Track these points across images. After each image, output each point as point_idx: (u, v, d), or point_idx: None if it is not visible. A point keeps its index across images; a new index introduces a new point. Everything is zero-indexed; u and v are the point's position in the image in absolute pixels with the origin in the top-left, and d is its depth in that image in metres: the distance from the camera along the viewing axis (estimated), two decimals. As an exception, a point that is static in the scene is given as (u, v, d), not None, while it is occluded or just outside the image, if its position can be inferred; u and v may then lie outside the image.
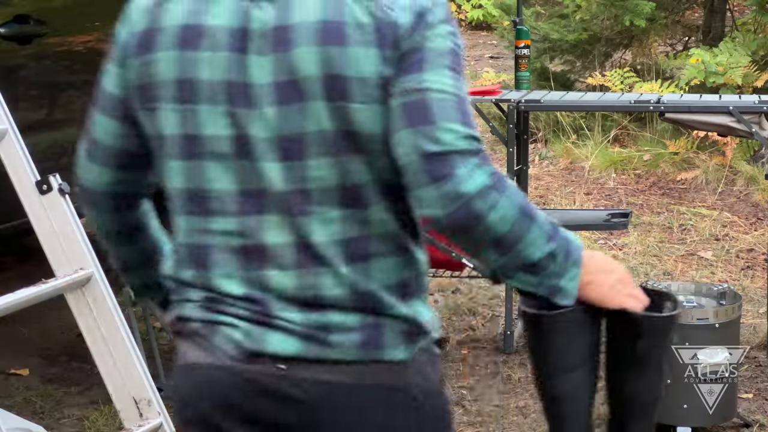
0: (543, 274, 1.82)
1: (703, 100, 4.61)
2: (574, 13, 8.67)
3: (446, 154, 1.72)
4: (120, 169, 1.97)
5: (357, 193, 1.78)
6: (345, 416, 1.79)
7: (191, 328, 1.88)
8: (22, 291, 2.95)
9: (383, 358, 1.79)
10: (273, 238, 1.79)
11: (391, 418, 1.81)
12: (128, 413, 3.05)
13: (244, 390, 1.82)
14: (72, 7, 4.35)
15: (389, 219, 1.81)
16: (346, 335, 1.78)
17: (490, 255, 1.78)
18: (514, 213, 1.75)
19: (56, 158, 4.20)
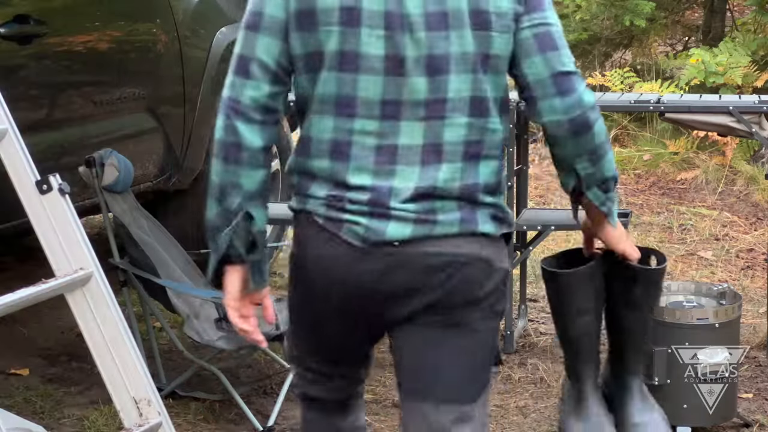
0: (607, 194, 2.47)
1: (703, 100, 4.61)
2: (574, 13, 8.68)
3: (570, 74, 2.34)
4: (274, 84, 2.32)
5: (483, 104, 2.32)
6: (443, 275, 2.31)
7: (317, 224, 2.34)
8: (22, 291, 2.95)
9: (477, 230, 2.34)
10: (405, 140, 2.29)
11: (475, 277, 2.34)
12: (128, 413, 3.05)
13: (367, 271, 2.32)
14: (72, 7, 4.35)
15: (499, 129, 2.36)
16: (450, 215, 2.32)
17: (583, 163, 2.41)
18: (605, 130, 2.42)
19: (56, 158, 4.20)
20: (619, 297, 2.67)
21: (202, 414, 4.02)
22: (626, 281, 2.63)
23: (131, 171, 4.05)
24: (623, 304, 2.69)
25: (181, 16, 4.80)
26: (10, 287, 2.97)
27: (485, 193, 2.35)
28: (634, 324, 2.74)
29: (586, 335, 2.74)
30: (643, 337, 2.80)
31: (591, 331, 2.74)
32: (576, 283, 2.65)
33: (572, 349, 2.77)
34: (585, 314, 2.69)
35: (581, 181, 2.46)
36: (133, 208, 4.10)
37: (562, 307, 2.70)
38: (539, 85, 2.34)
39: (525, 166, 4.86)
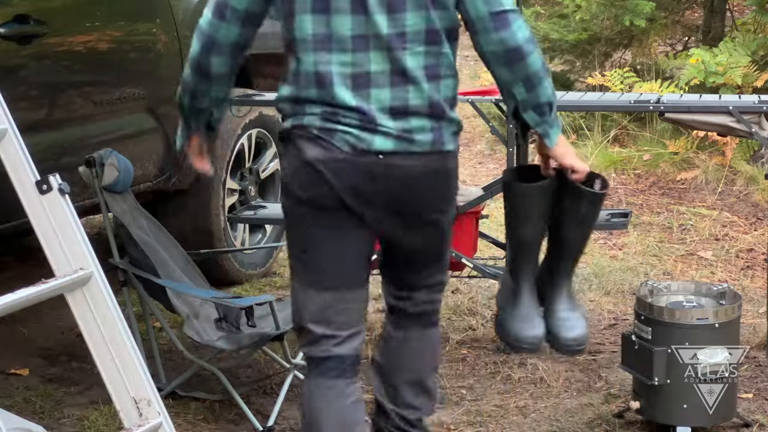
0: (543, 118, 2.95)
1: (703, 100, 4.61)
2: (574, 13, 8.67)
3: (506, 12, 2.80)
4: (245, 27, 2.93)
5: (436, 34, 2.82)
6: (417, 185, 2.87)
7: (312, 134, 2.83)
8: (22, 291, 2.95)
9: (443, 149, 2.88)
10: (374, 67, 2.80)
11: (440, 184, 2.93)
12: (128, 413, 3.05)
13: (356, 173, 2.82)
14: (72, 7, 4.35)
15: (451, 53, 2.85)
16: (424, 135, 2.85)
17: (519, 89, 2.88)
18: (541, 61, 2.87)
19: (56, 158, 4.20)
20: (566, 212, 3.12)
21: (202, 414, 4.02)
22: (573, 199, 3.10)
23: (131, 171, 4.05)
24: (569, 219, 3.14)
25: (181, 15, 4.80)
26: (10, 287, 2.97)
27: (449, 107, 2.88)
28: (575, 236, 3.20)
29: (531, 241, 3.21)
30: (581, 248, 3.26)
31: (536, 238, 3.20)
32: (529, 195, 3.12)
33: (517, 251, 3.24)
34: (532, 223, 3.16)
35: (518, 104, 2.93)
36: (133, 208, 4.10)
37: (515, 215, 3.18)
38: (480, 21, 2.82)
39: (525, 166, 4.86)
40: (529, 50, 2.84)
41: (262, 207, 5.04)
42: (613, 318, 5.09)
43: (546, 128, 2.97)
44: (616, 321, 5.05)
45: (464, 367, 4.49)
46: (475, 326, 4.92)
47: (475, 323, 4.95)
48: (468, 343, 4.74)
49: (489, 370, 4.45)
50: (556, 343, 3.24)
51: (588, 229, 3.22)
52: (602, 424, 3.97)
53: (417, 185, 2.88)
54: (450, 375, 4.39)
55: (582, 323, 3.25)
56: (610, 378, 4.37)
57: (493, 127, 4.63)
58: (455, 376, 4.39)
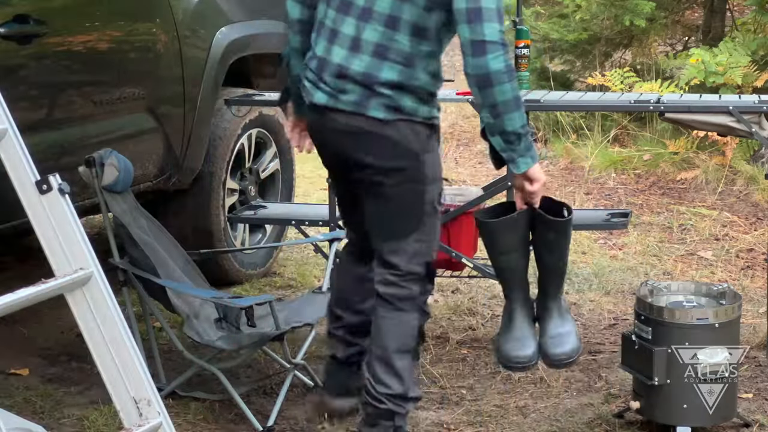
0: (509, 145, 3.23)
1: (703, 100, 4.61)
2: (573, 13, 8.67)
3: (485, 42, 3.13)
4: (305, 7, 3.45)
5: (396, 22, 3.21)
6: (342, 139, 3.31)
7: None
8: (22, 291, 2.95)
9: (367, 113, 3.24)
10: (345, 29, 3.26)
11: (364, 145, 3.28)
12: (128, 413, 3.05)
13: (311, 123, 3.42)
14: (72, 7, 4.35)
15: (406, 45, 3.21)
16: (349, 96, 3.25)
17: (486, 113, 3.21)
18: (512, 94, 3.16)
19: (56, 158, 4.20)
20: (538, 240, 3.44)
21: (202, 414, 4.02)
22: (542, 228, 3.40)
23: (131, 171, 4.05)
24: (541, 245, 3.45)
25: (181, 15, 4.80)
26: (10, 287, 2.97)
27: (385, 87, 3.22)
28: (551, 261, 3.46)
29: (509, 269, 3.49)
30: (560, 271, 3.51)
31: (514, 267, 3.48)
32: (499, 229, 3.44)
33: (503, 280, 3.56)
34: (508, 253, 3.46)
35: (486, 126, 3.25)
36: (133, 208, 4.10)
37: (491, 248, 3.50)
38: (463, 45, 3.17)
39: (525, 166, 4.85)
40: (498, 80, 3.14)
41: (262, 207, 5.04)
42: (613, 318, 5.09)
43: (512, 155, 3.25)
44: (616, 321, 5.05)
45: (464, 367, 4.49)
46: (475, 326, 4.92)
47: (475, 323, 4.95)
48: (468, 343, 4.74)
49: (489, 370, 4.45)
50: (546, 359, 3.53)
51: (561, 253, 3.48)
52: (602, 424, 3.97)
53: (342, 140, 3.31)
54: (450, 375, 4.39)
55: (571, 338, 3.53)
56: (610, 378, 4.37)
57: (493, 127, 4.62)
58: (455, 376, 4.39)
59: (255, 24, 5.32)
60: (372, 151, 3.28)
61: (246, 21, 5.25)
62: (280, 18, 5.49)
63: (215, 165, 5.17)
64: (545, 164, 7.83)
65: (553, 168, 7.77)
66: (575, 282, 5.55)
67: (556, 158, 7.87)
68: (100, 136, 4.44)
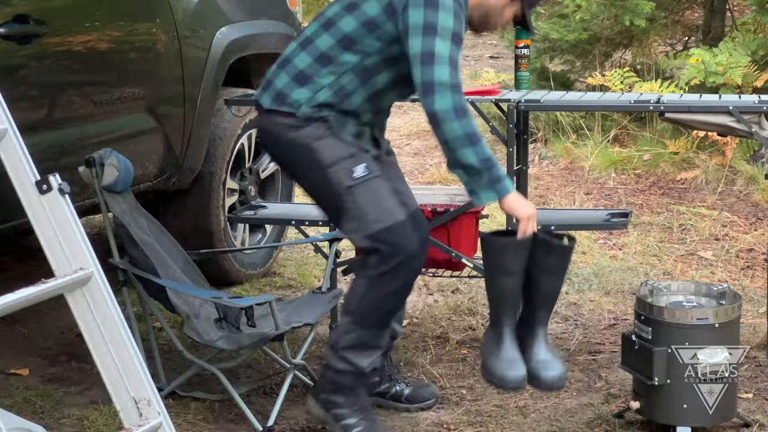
0: (470, 177, 3.38)
1: (703, 100, 4.61)
2: (574, 12, 8.67)
3: (433, 84, 3.35)
4: None
5: (328, 58, 3.55)
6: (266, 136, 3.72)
7: None
8: (22, 291, 2.95)
9: (262, 104, 3.65)
10: (297, 60, 3.62)
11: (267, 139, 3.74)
12: (128, 413, 3.05)
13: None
14: (72, 7, 4.35)
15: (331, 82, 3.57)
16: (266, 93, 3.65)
17: (442, 148, 3.41)
18: (462, 131, 3.35)
19: (56, 158, 4.20)
20: (538, 264, 3.46)
21: (202, 414, 4.02)
22: (543, 252, 3.44)
23: (131, 171, 4.05)
24: (540, 270, 3.47)
25: (181, 16, 4.80)
26: (10, 287, 2.97)
27: (292, 92, 3.58)
28: (547, 287, 3.52)
29: (509, 291, 3.51)
30: (554, 298, 3.59)
31: (514, 289, 3.50)
32: (510, 249, 3.46)
33: (498, 302, 3.56)
34: (513, 275, 3.47)
35: (447, 160, 3.44)
36: (133, 208, 4.10)
37: (496, 268, 3.51)
38: (416, 86, 3.41)
39: (525, 166, 4.86)
40: (445, 119, 3.34)
41: (262, 207, 5.04)
42: (613, 318, 5.09)
43: (474, 187, 3.40)
44: (616, 321, 5.05)
45: (464, 367, 4.49)
46: (475, 326, 4.92)
47: (475, 323, 4.95)
48: (468, 343, 4.74)
49: (489, 370, 4.44)
50: (537, 381, 3.57)
51: (559, 280, 3.55)
52: (602, 424, 3.97)
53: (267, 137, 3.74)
54: (450, 375, 4.39)
55: (560, 364, 3.60)
56: (610, 378, 4.37)
57: (493, 127, 4.63)
58: (455, 376, 4.39)
59: (255, 24, 5.32)
60: (270, 145, 3.73)
61: (246, 21, 5.25)
62: (280, 18, 5.50)
63: (215, 165, 5.17)
64: (545, 164, 7.83)
65: (553, 168, 7.77)
66: (575, 282, 5.54)
67: (556, 158, 7.87)
68: (100, 136, 4.44)
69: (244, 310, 3.86)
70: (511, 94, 4.73)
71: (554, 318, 5.06)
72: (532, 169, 7.41)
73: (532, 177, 7.00)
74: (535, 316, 3.56)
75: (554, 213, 5.32)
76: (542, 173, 7.65)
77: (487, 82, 8.83)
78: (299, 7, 5.81)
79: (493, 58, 12.22)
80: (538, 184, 7.35)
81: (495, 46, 12.76)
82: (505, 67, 10.85)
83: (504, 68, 10.74)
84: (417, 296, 5.27)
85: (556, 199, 7.04)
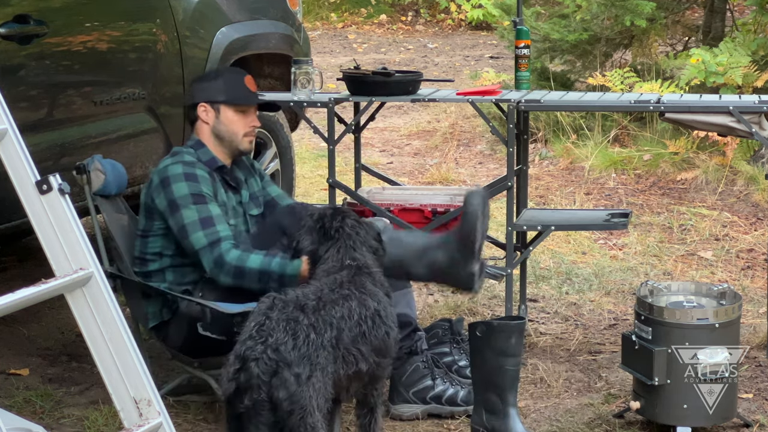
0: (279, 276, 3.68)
1: (703, 100, 4.61)
2: (574, 13, 8.67)
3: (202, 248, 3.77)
4: None
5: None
6: None
7: None
8: (22, 291, 2.95)
9: None
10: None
11: None
12: (128, 413, 3.06)
13: None
14: (72, 7, 4.35)
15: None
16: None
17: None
18: (229, 278, 3.74)
19: (56, 158, 4.20)
20: (500, 349, 3.65)
21: (202, 414, 4.02)
22: (504, 335, 3.64)
23: (122, 172, 3.99)
24: (503, 354, 3.66)
25: (181, 16, 4.80)
26: (10, 287, 2.97)
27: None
28: (512, 367, 3.68)
29: (513, 371, 3.70)
30: (517, 375, 3.74)
31: (517, 368, 3.71)
32: (517, 331, 3.67)
33: (502, 385, 3.69)
34: (516, 356, 3.68)
35: None
36: (123, 214, 4.04)
37: (502, 353, 3.66)
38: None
39: (525, 166, 4.86)
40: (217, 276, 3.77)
41: (262, 207, 5.03)
42: (613, 318, 5.09)
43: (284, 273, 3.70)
44: (616, 321, 5.05)
45: (464, 367, 4.48)
46: (475, 326, 4.91)
47: (475, 323, 4.94)
48: (468, 343, 4.74)
49: (489, 370, 4.44)
50: None
51: (521, 355, 3.75)
52: (602, 424, 3.97)
53: None
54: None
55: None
56: (610, 378, 4.37)
57: (493, 127, 4.63)
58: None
59: (255, 24, 5.31)
60: None
61: (246, 21, 5.24)
62: (280, 18, 5.50)
63: (215, 165, 5.16)
64: (545, 164, 7.83)
65: (553, 168, 7.77)
66: (575, 282, 5.54)
67: (556, 158, 7.86)
68: (100, 136, 4.44)
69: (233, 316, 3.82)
70: (511, 94, 4.72)
71: (554, 318, 5.06)
72: (532, 169, 7.41)
73: (532, 177, 7.01)
74: (507, 399, 3.70)
75: (554, 213, 5.32)
76: (542, 173, 7.65)
77: (488, 82, 8.83)
78: (299, 7, 5.81)
79: (494, 58, 12.22)
80: (538, 184, 7.35)
81: (495, 46, 12.77)
82: (505, 67, 10.86)
83: (504, 68, 10.75)
84: (417, 296, 5.27)
85: (556, 199, 7.04)
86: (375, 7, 14.67)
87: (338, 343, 3.13)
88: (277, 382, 2.97)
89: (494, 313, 5.06)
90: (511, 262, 4.52)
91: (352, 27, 14.62)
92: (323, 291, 3.23)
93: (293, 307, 3.10)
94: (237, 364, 3.01)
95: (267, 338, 3.01)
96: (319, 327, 3.09)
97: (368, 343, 3.23)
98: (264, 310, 3.09)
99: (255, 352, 2.99)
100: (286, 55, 5.31)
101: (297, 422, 2.97)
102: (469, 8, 13.03)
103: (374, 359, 3.27)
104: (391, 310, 3.38)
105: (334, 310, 3.16)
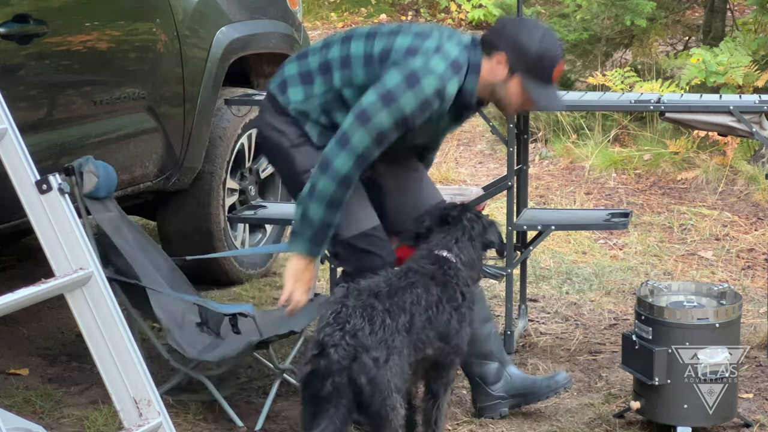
0: (300, 223, 3.52)
1: (704, 100, 4.61)
2: (574, 12, 8.67)
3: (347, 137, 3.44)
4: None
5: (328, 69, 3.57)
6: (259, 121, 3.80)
7: None
8: (22, 291, 2.95)
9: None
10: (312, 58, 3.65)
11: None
12: (128, 413, 3.06)
13: None
14: (72, 7, 4.35)
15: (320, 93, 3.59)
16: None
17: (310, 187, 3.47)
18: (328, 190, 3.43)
19: (56, 158, 4.20)
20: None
21: (202, 414, 4.02)
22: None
23: (113, 175, 3.98)
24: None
25: (181, 15, 4.80)
26: (10, 287, 2.97)
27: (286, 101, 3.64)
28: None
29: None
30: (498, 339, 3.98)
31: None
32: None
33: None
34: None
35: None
36: (116, 216, 4.02)
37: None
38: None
39: (525, 166, 4.86)
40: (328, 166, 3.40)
41: (262, 207, 5.04)
42: (614, 318, 5.09)
43: (297, 231, 3.50)
44: (616, 321, 5.05)
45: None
46: (475, 326, 4.91)
47: (475, 323, 4.94)
48: (468, 343, 4.73)
49: (489, 370, 4.43)
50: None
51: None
52: (602, 424, 3.97)
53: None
54: (450, 375, 4.38)
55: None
56: (611, 378, 4.37)
57: (493, 127, 4.63)
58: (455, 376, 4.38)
59: (255, 24, 5.31)
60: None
61: (246, 21, 5.24)
62: (280, 18, 5.50)
63: (215, 165, 5.16)
64: (545, 164, 7.83)
65: (553, 168, 7.77)
66: (575, 282, 5.54)
67: (556, 158, 7.87)
68: (99, 135, 4.44)
69: (228, 317, 3.83)
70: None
71: (554, 318, 5.06)
72: (533, 169, 7.41)
73: (532, 177, 7.01)
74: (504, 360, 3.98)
75: (554, 213, 5.32)
76: (542, 173, 7.64)
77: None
78: (299, 7, 5.81)
79: (494, 58, 12.21)
80: (539, 184, 7.35)
81: (495, 46, 12.75)
82: (505, 67, 10.83)
83: (504, 68, 10.73)
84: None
85: (556, 199, 7.04)
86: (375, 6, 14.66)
87: (411, 327, 3.25)
88: (357, 366, 3.07)
89: (494, 313, 5.05)
90: (511, 262, 4.51)
91: (352, 26, 14.63)
92: (391, 279, 3.34)
93: (368, 294, 3.21)
94: (316, 349, 3.10)
95: (344, 325, 3.10)
96: (393, 312, 3.20)
97: (434, 329, 3.35)
98: (340, 298, 3.19)
99: (333, 339, 3.08)
100: (286, 54, 5.31)
101: (379, 403, 3.09)
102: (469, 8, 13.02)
103: (438, 344, 3.38)
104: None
105: (405, 296, 3.28)
